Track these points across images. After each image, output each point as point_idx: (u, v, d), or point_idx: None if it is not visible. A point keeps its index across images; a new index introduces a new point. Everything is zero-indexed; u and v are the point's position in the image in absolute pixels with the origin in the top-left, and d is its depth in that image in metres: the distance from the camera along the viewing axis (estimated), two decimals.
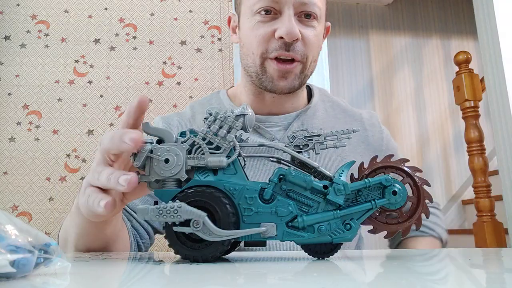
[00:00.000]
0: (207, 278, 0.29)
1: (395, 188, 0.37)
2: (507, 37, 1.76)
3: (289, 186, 0.37)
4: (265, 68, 0.69)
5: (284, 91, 0.70)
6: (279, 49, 0.67)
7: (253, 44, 0.69)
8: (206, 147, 0.38)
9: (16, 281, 0.26)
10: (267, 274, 0.31)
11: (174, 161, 0.37)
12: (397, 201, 0.37)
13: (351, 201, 0.38)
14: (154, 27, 1.42)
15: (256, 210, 0.36)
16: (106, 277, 0.32)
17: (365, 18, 3.31)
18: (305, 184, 0.37)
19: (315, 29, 0.70)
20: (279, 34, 0.66)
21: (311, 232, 0.37)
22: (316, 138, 0.40)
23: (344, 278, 0.30)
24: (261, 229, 0.36)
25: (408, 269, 0.36)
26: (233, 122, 0.38)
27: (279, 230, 0.36)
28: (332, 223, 0.37)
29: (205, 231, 0.35)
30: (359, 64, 3.22)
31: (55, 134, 1.31)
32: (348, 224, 0.37)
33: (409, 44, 3.32)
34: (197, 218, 0.35)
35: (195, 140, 0.38)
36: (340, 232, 0.37)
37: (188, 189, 0.37)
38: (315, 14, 0.69)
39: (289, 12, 0.66)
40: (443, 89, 3.29)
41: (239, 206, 0.37)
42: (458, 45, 3.35)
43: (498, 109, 1.77)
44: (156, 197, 0.38)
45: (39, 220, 1.25)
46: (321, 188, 0.37)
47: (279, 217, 0.36)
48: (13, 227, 0.27)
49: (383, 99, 3.20)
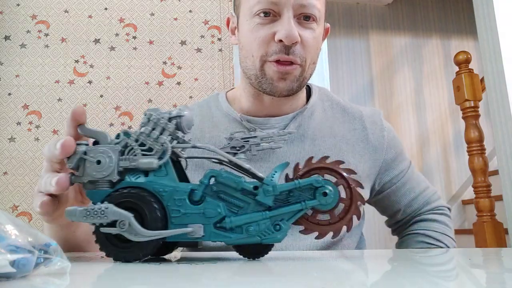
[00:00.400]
0: (204, 278, 0.29)
1: (326, 190, 0.37)
2: (507, 37, 1.76)
3: (220, 187, 0.38)
4: (265, 70, 0.69)
5: (283, 93, 0.70)
6: (279, 52, 0.67)
7: (252, 46, 0.69)
8: (138, 149, 0.38)
9: (16, 281, 0.26)
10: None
11: (106, 162, 0.38)
12: (327, 202, 0.37)
13: (283, 202, 0.38)
14: (154, 27, 1.42)
15: (184, 212, 0.37)
16: (106, 277, 0.32)
17: (365, 18, 3.31)
18: (236, 185, 0.37)
19: (314, 32, 0.70)
20: (279, 37, 0.66)
21: (239, 233, 0.37)
22: (252, 140, 0.40)
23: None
24: (187, 229, 0.36)
25: (408, 269, 0.36)
26: (166, 124, 0.38)
27: (207, 230, 0.37)
28: (261, 223, 0.37)
29: (131, 231, 0.35)
30: (359, 64, 3.22)
31: (55, 134, 1.31)
32: (278, 224, 0.37)
33: (409, 44, 3.32)
34: (123, 219, 0.35)
35: (128, 141, 0.38)
36: (269, 233, 0.37)
37: (117, 190, 0.37)
38: (314, 16, 0.69)
39: (288, 14, 0.66)
40: (443, 89, 3.30)
41: (168, 208, 0.37)
42: (458, 45, 3.35)
43: (498, 109, 1.77)
44: None
45: (39, 220, 1.25)
46: (251, 189, 0.37)
47: (207, 218, 0.37)
48: (13, 227, 0.27)
49: (383, 99, 3.20)
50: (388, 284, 0.27)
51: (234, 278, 0.30)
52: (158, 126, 0.38)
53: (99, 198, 0.37)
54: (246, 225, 0.37)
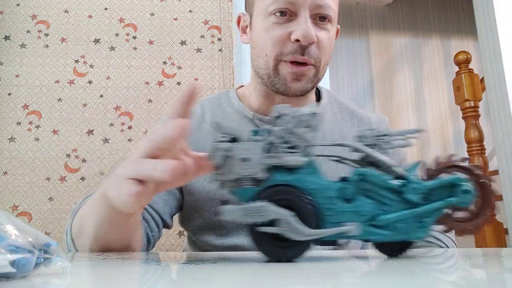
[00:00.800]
0: (205, 278, 0.29)
1: (467, 187, 0.38)
2: (507, 37, 1.76)
3: (366, 185, 0.37)
4: (278, 70, 0.69)
5: (297, 94, 0.70)
6: (295, 52, 0.66)
7: (267, 45, 0.68)
8: (284, 146, 0.37)
9: (16, 281, 0.26)
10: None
11: (252, 160, 0.37)
12: (468, 200, 0.38)
13: (424, 200, 0.38)
14: (154, 27, 1.42)
15: (338, 210, 0.36)
16: (106, 277, 0.32)
17: (365, 18, 3.31)
18: (383, 183, 0.37)
19: (329, 32, 0.69)
20: (296, 37, 0.65)
21: (391, 230, 0.37)
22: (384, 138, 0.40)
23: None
24: (346, 228, 0.36)
25: (408, 269, 0.36)
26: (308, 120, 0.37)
27: (361, 229, 0.37)
28: (408, 221, 0.37)
29: (292, 230, 0.35)
30: (359, 64, 3.22)
31: (55, 134, 1.31)
32: (421, 222, 0.38)
33: (409, 44, 3.33)
34: (284, 218, 0.35)
35: (272, 138, 0.37)
36: (415, 230, 0.37)
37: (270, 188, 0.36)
38: (330, 17, 0.68)
39: (305, 14, 0.66)
40: (443, 89, 3.30)
41: (320, 206, 0.36)
42: (458, 45, 3.35)
43: (498, 109, 1.77)
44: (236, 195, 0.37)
45: (39, 220, 1.25)
46: (398, 187, 0.38)
47: (360, 216, 0.37)
48: (13, 227, 0.27)
49: (383, 99, 3.20)
50: (388, 284, 0.27)
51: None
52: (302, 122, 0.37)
53: (249, 196, 0.36)
54: (396, 222, 0.37)
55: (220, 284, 0.27)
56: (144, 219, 0.67)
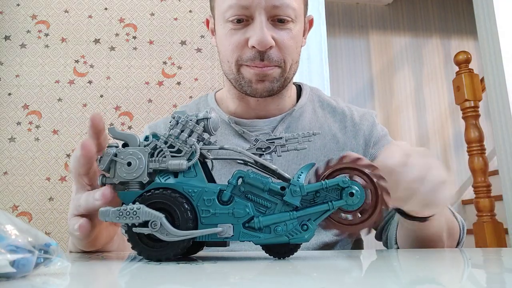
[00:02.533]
0: (204, 278, 0.29)
1: (353, 190, 0.38)
2: (507, 37, 1.76)
3: (248, 187, 0.38)
4: (242, 73, 0.68)
5: (264, 95, 0.69)
6: (254, 59, 0.66)
7: (227, 52, 0.68)
8: (167, 151, 0.39)
9: (16, 281, 0.26)
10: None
11: (136, 164, 0.39)
12: (354, 203, 0.38)
13: (309, 202, 0.39)
14: (154, 27, 1.42)
15: (213, 212, 0.38)
16: (106, 277, 0.32)
17: (365, 18, 3.31)
18: (263, 185, 0.38)
19: (291, 31, 0.67)
20: (251, 44, 0.64)
21: (267, 232, 0.38)
22: (277, 141, 0.41)
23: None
24: (217, 229, 0.37)
25: (408, 269, 0.36)
26: (194, 126, 0.39)
27: (236, 230, 0.37)
28: (288, 223, 0.38)
29: (163, 231, 0.36)
30: (359, 64, 3.22)
31: (55, 134, 1.31)
32: (305, 224, 0.38)
33: (409, 44, 3.33)
34: (154, 219, 0.36)
35: (157, 143, 0.39)
36: (297, 233, 0.38)
37: (148, 191, 0.38)
38: (289, 18, 0.66)
39: (260, 18, 0.64)
40: (443, 89, 3.30)
41: (198, 208, 0.38)
42: (458, 45, 3.35)
43: (498, 109, 1.77)
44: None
45: (39, 220, 1.25)
46: (279, 190, 0.38)
47: (236, 218, 0.37)
48: (13, 227, 0.27)
49: (383, 99, 3.20)
50: (388, 284, 0.27)
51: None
52: (187, 128, 0.39)
53: (131, 199, 0.38)
54: (274, 225, 0.38)
55: (220, 284, 0.27)
56: None
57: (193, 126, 0.39)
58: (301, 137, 0.41)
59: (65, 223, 1.26)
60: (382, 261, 0.42)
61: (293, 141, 0.41)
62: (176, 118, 0.40)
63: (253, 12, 0.65)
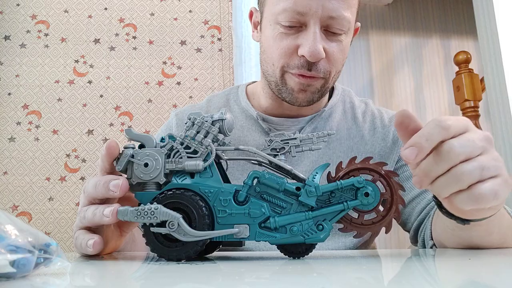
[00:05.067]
0: (205, 278, 0.29)
1: (367, 190, 0.38)
2: (507, 37, 1.76)
3: (263, 188, 0.39)
4: (285, 80, 0.66)
5: (303, 104, 0.68)
6: (301, 67, 0.63)
7: (274, 55, 0.66)
8: (183, 152, 0.39)
9: (16, 281, 0.26)
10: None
11: (153, 165, 0.39)
12: (369, 203, 0.38)
13: (324, 202, 0.39)
14: (154, 27, 1.42)
15: (230, 212, 0.38)
16: (106, 277, 0.32)
17: (365, 18, 3.31)
18: (278, 186, 0.38)
19: (341, 43, 0.65)
20: (302, 53, 0.62)
21: (283, 232, 0.38)
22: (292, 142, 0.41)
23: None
24: (234, 230, 0.37)
25: (408, 269, 0.36)
26: (209, 127, 0.40)
27: (252, 231, 0.38)
28: (304, 224, 0.38)
29: (180, 231, 0.37)
30: (359, 64, 3.22)
31: (55, 134, 1.31)
32: (321, 225, 0.38)
33: (409, 44, 3.33)
34: (172, 220, 0.37)
35: (174, 144, 0.40)
36: (312, 233, 0.38)
37: (166, 191, 0.38)
38: (343, 30, 0.63)
39: (314, 28, 0.61)
40: (443, 89, 3.30)
41: (214, 208, 0.38)
42: (458, 45, 3.35)
43: (498, 109, 1.77)
44: None
45: (39, 220, 1.25)
46: (294, 190, 0.38)
47: (252, 218, 0.38)
48: (13, 227, 0.27)
49: (383, 99, 3.20)
50: (387, 284, 0.27)
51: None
52: (202, 129, 0.40)
53: (148, 199, 0.38)
54: (290, 225, 0.38)
55: (220, 284, 0.27)
56: None
57: (209, 127, 0.40)
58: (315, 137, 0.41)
59: (65, 223, 1.26)
60: (382, 260, 0.42)
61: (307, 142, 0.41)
62: (192, 119, 0.40)
63: (308, 20, 0.62)
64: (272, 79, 0.69)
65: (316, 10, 0.61)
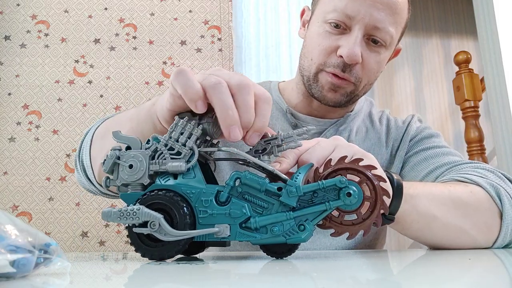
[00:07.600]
0: (204, 278, 0.29)
1: (350, 190, 0.38)
2: (507, 37, 1.76)
3: (245, 188, 0.39)
4: (318, 77, 0.69)
5: (330, 104, 0.70)
6: (337, 67, 0.66)
7: (314, 51, 0.69)
8: (167, 153, 0.40)
9: (16, 281, 0.26)
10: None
11: (137, 166, 0.40)
12: (352, 203, 0.38)
13: (307, 202, 0.39)
14: (154, 27, 1.42)
15: (211, 212, 0.38)
16: (106, 277, 0.32)
17: None
18: (259, 186, 0.39)
19: (379, 55, 0.68)
20: (340, 53, 0.65)
21: (264, 233, 0.38)
22: (273, 142, 0.41)
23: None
24: (214, 229, 0.38)
25: (408, 269, 0.36)
26: (193, 129, 0.40)
27: (233, 230, 0.38)
28: (285, 224, 0.38)
29: (161, 231, 0.37)
30: None
31: (55, 134, 1.31)
32: (302, 225, 0.38)
33: (409, 44, 3.33)
34: (153, 220, 0.37)
35: (158, 146, 0.40)
36: (294, 233, 0.38)
37: (148, 193, 0.39)
38: (384, 42, 0.67)
39: (357, 33, 0.64)
40: (443, 89, 3.30)
41: (196, 208, 0.39)
42: (458, 45, 3.35)
43: (498, 109, 1.77)
44: None
45: (39, 220, 1.25)
46: (275, 190, 0.38)
47: (233, 218, 0.38)
48: (13, 227, 0.27)
49: (383, 99, 3.20)
50: (387, 284, 0.27)
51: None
52: (186, 131, 0.40)
53: (132, 200, 0.39)
54: (271, 225, 0.38)
55: (220, 284, 0.27)
56: None
57: (192, 128, 0.40)
58: (295, 135, 0.41)
59: (65, 223, 1.26)
60: (382, 260, 0.42)
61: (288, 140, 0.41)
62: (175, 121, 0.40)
63: (354, 24, 0.65)
64: (306, 73, 0.71)
65: (363, 16, 0.64)
